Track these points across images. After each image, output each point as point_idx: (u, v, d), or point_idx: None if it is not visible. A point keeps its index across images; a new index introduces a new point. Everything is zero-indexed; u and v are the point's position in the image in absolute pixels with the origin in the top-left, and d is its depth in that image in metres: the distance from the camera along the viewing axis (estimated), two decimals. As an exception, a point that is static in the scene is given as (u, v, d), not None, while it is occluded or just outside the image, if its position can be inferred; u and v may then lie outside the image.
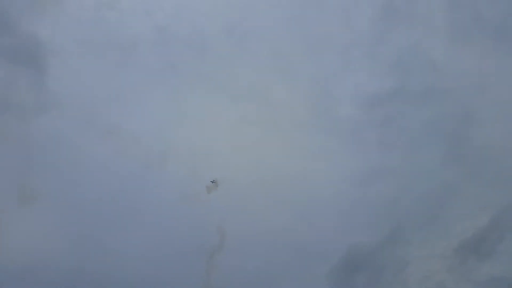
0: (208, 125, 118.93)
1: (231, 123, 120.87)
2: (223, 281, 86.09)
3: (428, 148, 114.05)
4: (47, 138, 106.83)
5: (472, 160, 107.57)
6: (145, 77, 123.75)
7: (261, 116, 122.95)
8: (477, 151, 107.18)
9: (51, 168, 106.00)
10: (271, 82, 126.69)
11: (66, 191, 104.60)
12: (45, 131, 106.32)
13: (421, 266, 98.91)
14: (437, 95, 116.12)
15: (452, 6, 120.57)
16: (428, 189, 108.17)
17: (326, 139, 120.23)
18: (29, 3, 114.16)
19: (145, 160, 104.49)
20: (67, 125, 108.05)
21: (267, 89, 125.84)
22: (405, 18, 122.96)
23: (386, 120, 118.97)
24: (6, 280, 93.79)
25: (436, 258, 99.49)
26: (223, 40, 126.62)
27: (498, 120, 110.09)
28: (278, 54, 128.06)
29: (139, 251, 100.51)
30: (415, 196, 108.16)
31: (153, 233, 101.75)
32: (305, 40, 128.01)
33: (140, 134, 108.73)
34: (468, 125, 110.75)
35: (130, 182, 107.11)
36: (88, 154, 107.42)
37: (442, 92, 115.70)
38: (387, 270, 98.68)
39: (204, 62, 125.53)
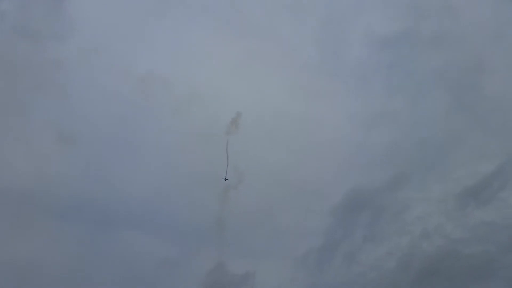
0: (212, 62, 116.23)
1: (236, 60, 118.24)
2: (234, 214, 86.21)
3: (435, 94, 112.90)
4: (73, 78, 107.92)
5: (480, 109, 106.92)
6: (147, 8, 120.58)
7: (267, 53, 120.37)
8: (486, 100, 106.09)
9: (84, 112, 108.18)
10: (279, 19, 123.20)
11: (97, 132, 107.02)
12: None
13: (420, 209, 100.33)
14: (450, 41, 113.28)
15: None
16: (432, 135, 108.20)
17: (332, 80, 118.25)
18: None
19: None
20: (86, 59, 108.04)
21: (275, 26, 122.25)
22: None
23: (394, 64, 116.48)
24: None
25: (436, 202, 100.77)
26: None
27: (511, 70, 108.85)
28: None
29: (159, 187, 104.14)
30: (419, 141, 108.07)
31: (173, 171, 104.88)
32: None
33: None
34: (479, 74, 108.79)
35: (153, 123, 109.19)
36: (112, 93, 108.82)
37: (455, 39, 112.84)
38: (388, 211, 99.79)
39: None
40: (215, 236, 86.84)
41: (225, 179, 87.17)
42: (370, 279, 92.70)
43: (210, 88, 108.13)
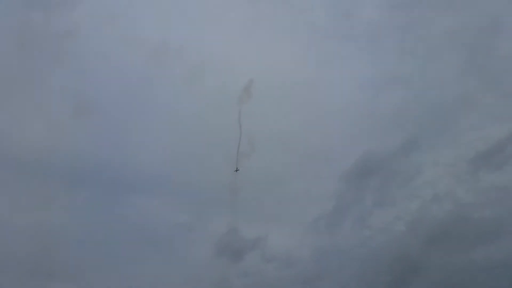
0: (223, 29, 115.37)
1: (245, 24, 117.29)
2: (246, 180, 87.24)
3: (447, 56, 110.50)
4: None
5: (493, 71, 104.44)
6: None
7: (277, 18, 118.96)
8: (500, 62, 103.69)
9: (98, 81, 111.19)
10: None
11: (111, 101, 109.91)
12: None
13: (431, 173, 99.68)
14: (463, 1, 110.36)
15: None
16: (444, 98, 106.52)
17: (343, 43, 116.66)
18: None
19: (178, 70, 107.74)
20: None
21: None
22: None
23: (407, 26, 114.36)
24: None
25: (447, 166, 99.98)
26: None
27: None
28: None
29: (173, 155, 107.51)
30: (430, 104, 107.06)
31: (186, 139, 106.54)
32: None
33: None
34: (494, 34, 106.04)
35: (166, 92, 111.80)
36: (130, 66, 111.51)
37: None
38: (398, 176, 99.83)
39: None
40: (228, 202, 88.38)
41: (237, 170, 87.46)
42: (380, 243, 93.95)
43: (222, 56, 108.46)
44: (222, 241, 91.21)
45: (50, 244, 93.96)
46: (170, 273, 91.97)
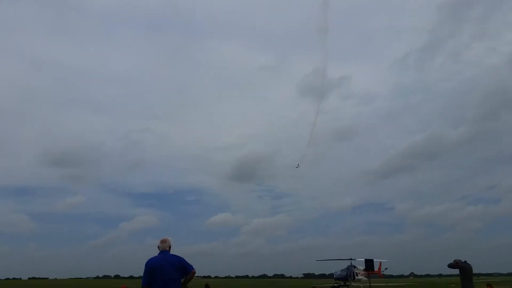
0: None
1: None
2: (332, 16, 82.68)
3: None
4: None
5: None
6: None
7: None
8: None
9: None
10: None
11: None
12: None
13: None
14: None
15: None
16: None
17: None
18: None
19: None
20: None
21: None
22: None
23: None
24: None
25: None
26: None
27: None
28: None
29: None
30: None
31: None
32: None
33: None
34: None
35: None
36: None
37: None
38: (503, 3, 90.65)
39: None
40: (312, 42, 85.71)
41: (297, 167, 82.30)
42: (470, 77, 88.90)
43: None
44: (306, 81, 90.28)
45: (137, 87, 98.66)
46: (252, 112, 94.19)
